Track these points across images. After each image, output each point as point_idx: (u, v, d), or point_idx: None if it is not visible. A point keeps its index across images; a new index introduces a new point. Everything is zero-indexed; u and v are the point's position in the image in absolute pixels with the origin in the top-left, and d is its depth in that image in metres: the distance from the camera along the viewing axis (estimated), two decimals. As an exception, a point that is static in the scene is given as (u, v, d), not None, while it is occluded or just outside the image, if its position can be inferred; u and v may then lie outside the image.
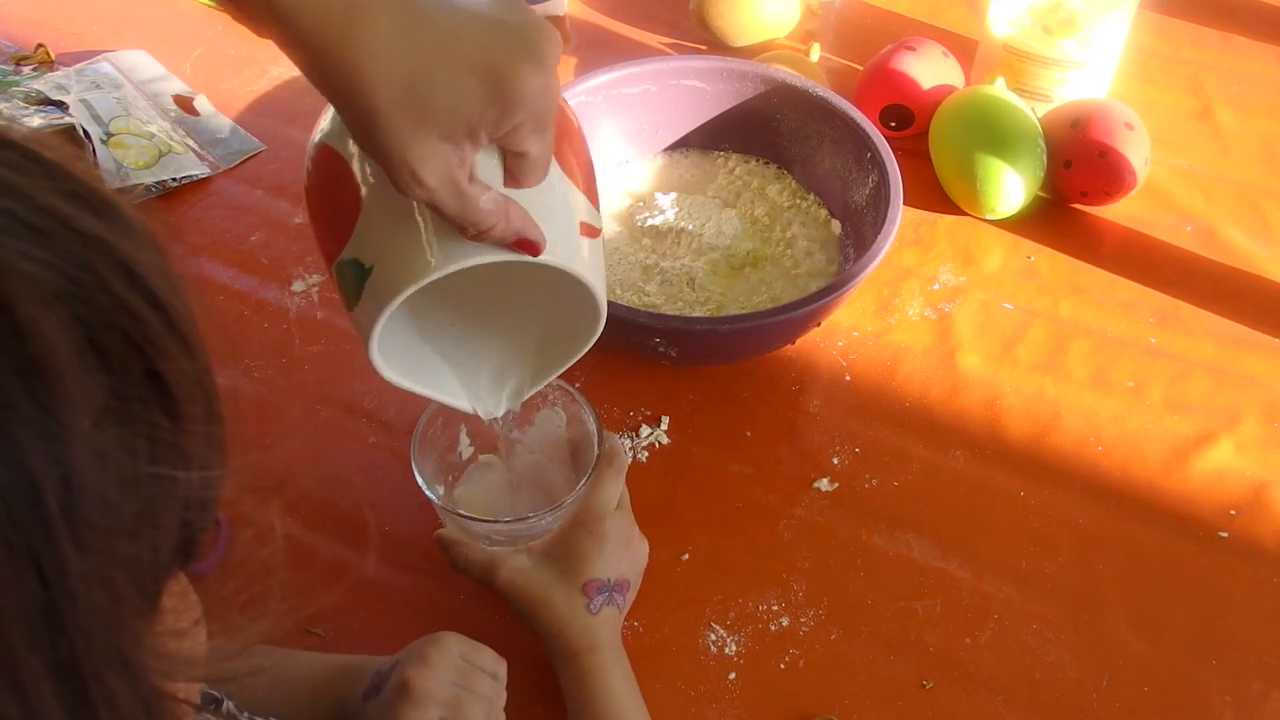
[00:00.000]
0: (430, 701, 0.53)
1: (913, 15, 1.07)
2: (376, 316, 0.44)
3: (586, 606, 0.59)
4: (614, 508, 0.62)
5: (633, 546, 0.63)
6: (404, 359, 0.51)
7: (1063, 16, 0.88)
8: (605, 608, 0.60)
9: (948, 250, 0.85)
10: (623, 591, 0.61)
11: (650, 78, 0.83)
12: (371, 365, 0.47)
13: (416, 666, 0.54)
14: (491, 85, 0.38)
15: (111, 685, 0.24)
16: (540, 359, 0.56)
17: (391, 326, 0.45)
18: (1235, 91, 0.98)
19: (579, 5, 1.10)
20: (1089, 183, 0.84)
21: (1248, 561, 0.67)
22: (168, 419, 0.26)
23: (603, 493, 0.62)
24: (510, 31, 0.39)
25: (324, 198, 0.47)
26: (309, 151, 0.48)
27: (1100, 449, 0.72)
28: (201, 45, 1.08)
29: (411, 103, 0.38)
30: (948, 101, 0.88)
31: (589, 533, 0.61)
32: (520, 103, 0.39)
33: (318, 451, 0.74)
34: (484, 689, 0.56)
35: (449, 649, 0.56)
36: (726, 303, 0.77)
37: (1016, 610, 0.65)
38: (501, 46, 0.39)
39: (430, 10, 0.38)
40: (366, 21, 0.37)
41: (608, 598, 0.60)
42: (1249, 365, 0.77)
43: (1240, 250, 0.84)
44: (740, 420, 0.75)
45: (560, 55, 0.41)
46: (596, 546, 0.60)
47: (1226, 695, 0.61)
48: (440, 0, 0.39)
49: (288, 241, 0.89)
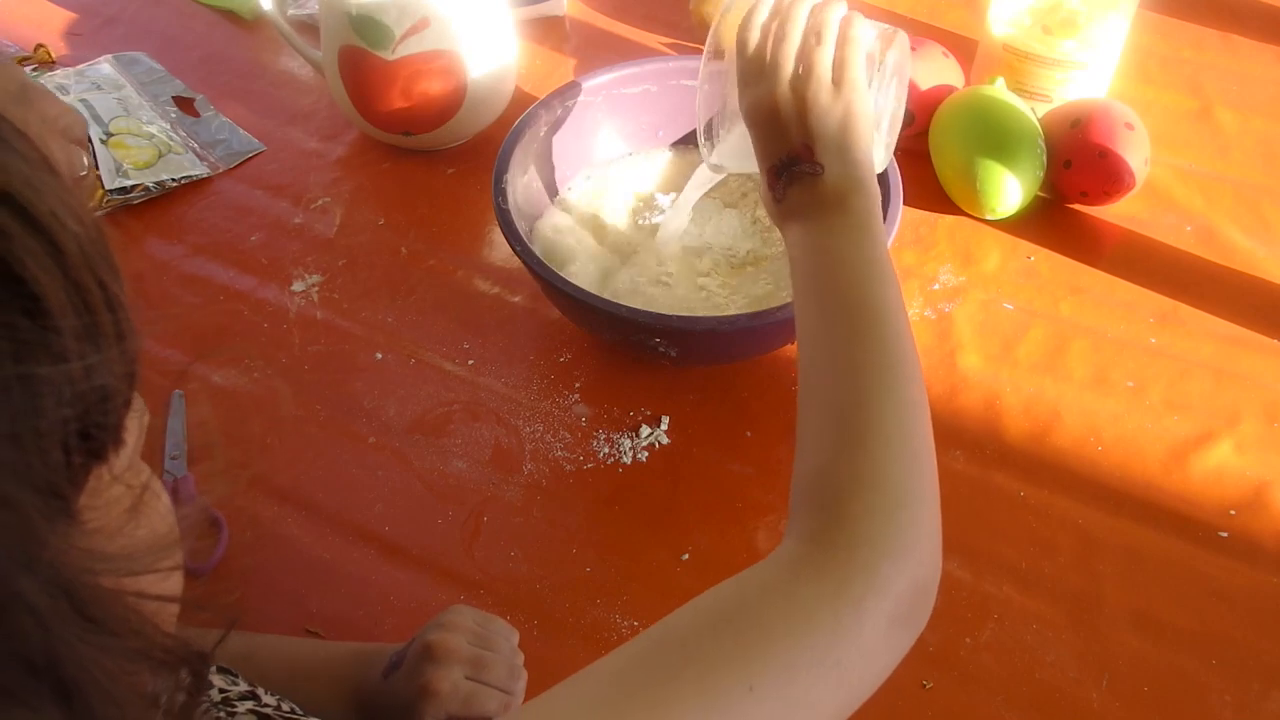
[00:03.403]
0: (454, 660, 0.54)
1: (913, 15, 1.07)
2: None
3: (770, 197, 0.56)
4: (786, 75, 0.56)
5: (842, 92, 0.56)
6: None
7: (1063, 16, 0.88)
8: (792, 185, 0.55)
9: (948, 250, 0.85)
10: (806, 159, 0.55)
11: (650, 78, 0.83)
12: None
13: (437, 632, 0.55)
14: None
15: (22, 587, 0.24)
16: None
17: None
18: (1235, 91, 0.98)
19: (579, 5, 1.10)
20: (1089, 183, 0.84)
21: (1248, 561, 0.67)
22: (27, 319, 0.25)
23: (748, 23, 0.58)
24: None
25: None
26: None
27: (1100, 449, 0.72)
28: (202, 46, 1.08)
29: None
30: (948, 102, 0.88)
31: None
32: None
33: (318, 451, 0.74)
34: (503, 649, 0.57)
35: (465, 615, 0.57)
36: (727, 303, 0.77)
37: (1016, 610, 0.65)
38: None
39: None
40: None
41: (786, 177, 0.55)
42: (1249, 365, 0.77)
43: (1240, 250, 0.84)
44: (740, 420, 0.75)
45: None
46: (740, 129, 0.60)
47: (1226, 695, 0.61)
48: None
49: (288, 241, 0.89)
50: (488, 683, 0.55)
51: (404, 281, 0.85)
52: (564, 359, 0.79)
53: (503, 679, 0.56)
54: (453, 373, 0.79)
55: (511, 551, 0.69)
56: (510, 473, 0.72)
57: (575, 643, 0.64)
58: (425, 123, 0.90)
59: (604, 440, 0.74)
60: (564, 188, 0.85)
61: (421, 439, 0.75)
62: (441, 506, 0.71)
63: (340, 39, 0.87)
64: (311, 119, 1.00)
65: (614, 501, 0.71)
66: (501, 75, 0.92)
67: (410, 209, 0.91)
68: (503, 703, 0.55)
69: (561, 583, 0.67)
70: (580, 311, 0.71)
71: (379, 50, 0.86)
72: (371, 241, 0.89)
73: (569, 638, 0.64)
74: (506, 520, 0.70)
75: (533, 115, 0.80)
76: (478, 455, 0.74)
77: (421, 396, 0.77)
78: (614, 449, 0.73)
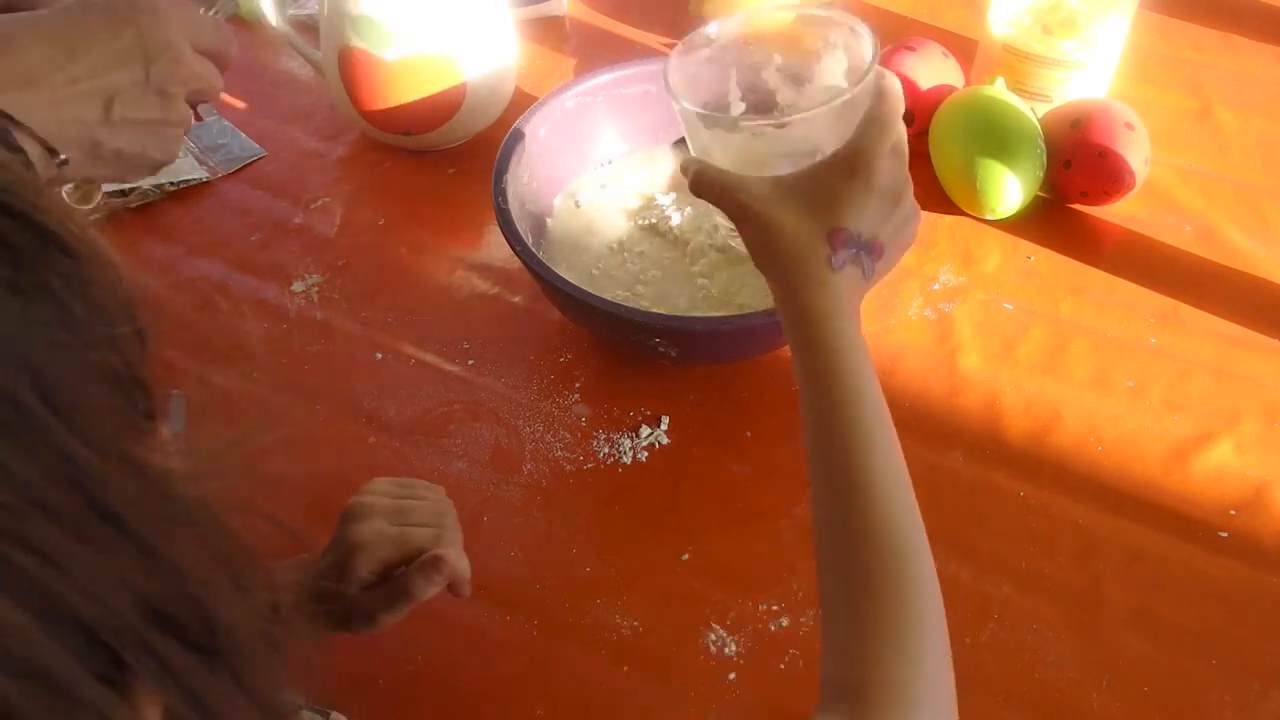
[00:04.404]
0: (372, 513, 0.55)
1: (913, 15, 1.07)
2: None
3: (828, 259, 0.49)
4: (887, 150, 0.50)
5: (902, 206, 0.51)
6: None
7: (1063, 16, 0.88)
8: (849, 266, 0.50)
9: (947, 250, 0.85)
10: (874, 255, 0.51)
11: (650, 78, 0.83)
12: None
13: (352, 499, 0.56)
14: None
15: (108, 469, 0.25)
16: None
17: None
18: (1235, 91, 0.98)
19: (579, 5, 1.10)
20: (1089, 183, 0.84)
21: (1248, 561, 0.67)
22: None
23: (875, 125, 0.50)
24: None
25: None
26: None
27: (1100, 449, 0.72)
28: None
29: None
30: (948, 102, 0.88)
31: (850, 170, 0.49)
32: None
33: (318, 451, 0.74)
34: (427, 496, 0.58)
35: (382, 481, 0.58)
36: (727, 302, 0.77)
37: (1016, 610, 0.65)
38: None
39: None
40: None
41: (854, 255, 0.50)
42: (1249, 365, 0.77)
43: (1240, 250, 0.84)
44: (740, 420, 0.75)
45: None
46: (856, 186, 0.49)
47: (1226, 695, 0.61)
48: None
49: (288, 241, 0.89)
50: (412, 524, 0.56)
51: (404, 282, 0.85)
52: (564, 359, 0.79)
53: (428, 518, 0.56)
54: (453, 373, 0.79)
55: (511, 551, 0.69)
56: (510, 473, 0.72)
57: (575, 643, 0.64)
58: (425, 123, 0.90)
59: (604, 440, 0.74)
60: (564, 188, 0.85)
61: (421, 439, 0.75)
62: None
63: (340, 39, 0.87)
64: (311, 119, 1.00)
65: (614, 501, 0.71)
66: (501, 75, 0.92)
67: (410, 209, 0.91)
68: (433, 536, 0.56)
69: (561, 583, 0.67)
70: (580, 311, 0.71)
71: (379, 50, 0.86)
72: (371, 241, 0.89)
73: (569, 638, 0.64)
74: (506, 520, 0.70)
75: (533, 115, 0.80)
76: (478, 455, 0.74)
77: (421, 396, 0.77)
78: (614, 449, 0.73)
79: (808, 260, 0.49)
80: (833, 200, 0.49)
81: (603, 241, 0.82)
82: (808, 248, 0.49)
